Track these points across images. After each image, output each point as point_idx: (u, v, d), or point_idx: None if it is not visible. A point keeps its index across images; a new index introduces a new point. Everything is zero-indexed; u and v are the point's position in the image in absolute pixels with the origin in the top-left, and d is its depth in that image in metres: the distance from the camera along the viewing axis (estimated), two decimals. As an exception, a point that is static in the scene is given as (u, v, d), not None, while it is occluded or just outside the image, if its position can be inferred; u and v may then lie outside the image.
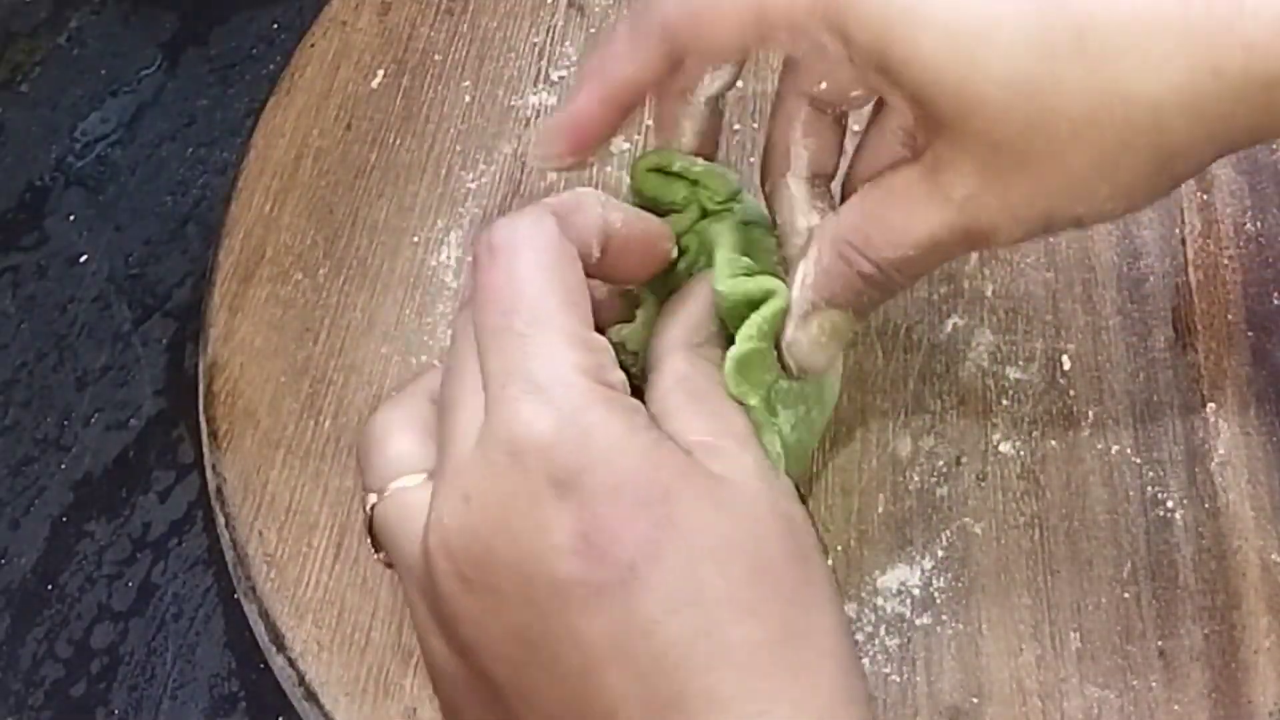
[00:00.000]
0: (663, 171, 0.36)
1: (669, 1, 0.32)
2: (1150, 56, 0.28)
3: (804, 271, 0.33)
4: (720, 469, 0.29)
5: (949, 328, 0.45)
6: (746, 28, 0.31)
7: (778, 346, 0.34)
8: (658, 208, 0.36)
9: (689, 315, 0.33)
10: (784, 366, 0.34)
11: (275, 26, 0.58)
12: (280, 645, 0.40)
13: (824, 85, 0.34)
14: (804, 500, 0.37)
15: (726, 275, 0.33)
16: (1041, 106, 0.29)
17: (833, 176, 0.36)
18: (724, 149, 0.44)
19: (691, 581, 0.26)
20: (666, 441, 0.28)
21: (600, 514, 0.26)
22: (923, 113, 0.30)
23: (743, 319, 0.33)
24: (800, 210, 0.35)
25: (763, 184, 0.36)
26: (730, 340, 0.33)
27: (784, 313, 0.33)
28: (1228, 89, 0.27)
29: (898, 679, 0.39)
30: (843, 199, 0.35)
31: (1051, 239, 0.47)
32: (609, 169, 0.50)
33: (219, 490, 0.44)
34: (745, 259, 0.34)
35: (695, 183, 0.36)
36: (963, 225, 0.31)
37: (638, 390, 0.31)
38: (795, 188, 0.35)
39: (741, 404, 0.32)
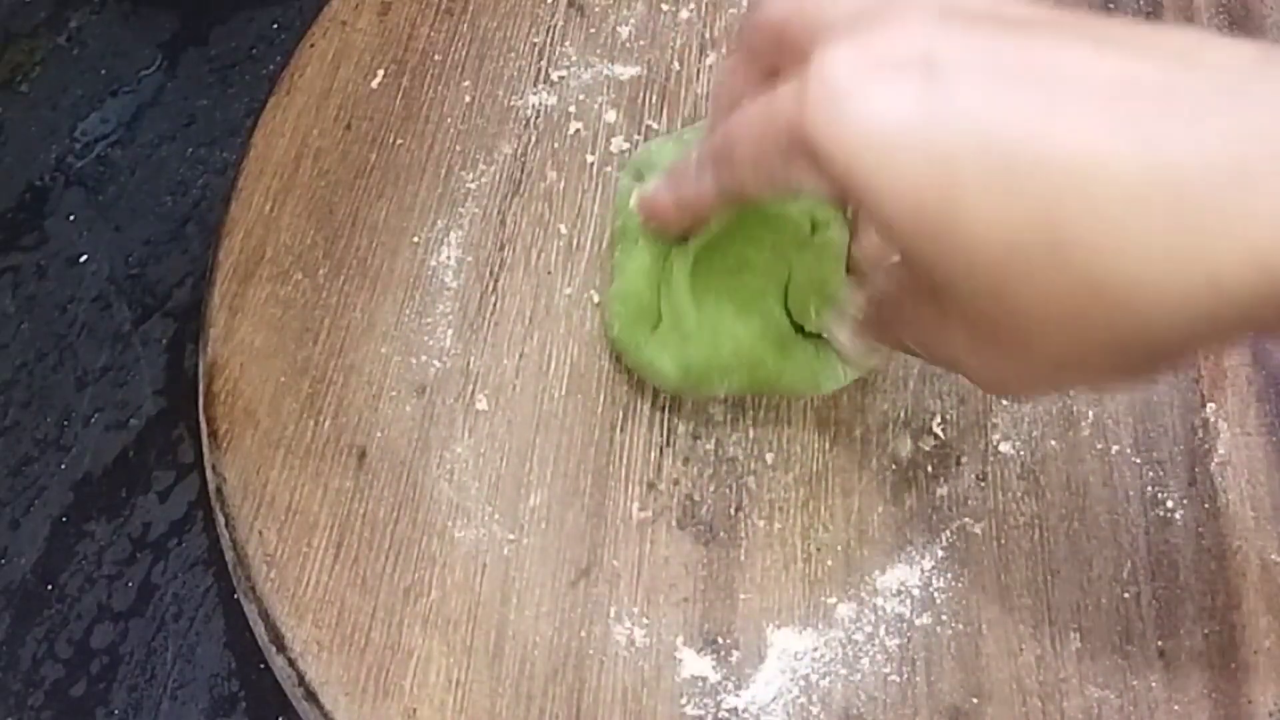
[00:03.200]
0: None
1: (765, 7, 0.33)
2: (1131, 259, 0.23)
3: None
4: None
5: (949, 328, 0.45)
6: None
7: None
8: None
9: None
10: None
11: (275, 26, 0.58)
12: (280, 645, 0.40)
13: None
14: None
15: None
16: (1012, 304, 0.26)
17: None
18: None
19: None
20: None
21: None
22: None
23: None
24: None
25: None
26: None
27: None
28: (1227, 302, 0.23)
29: (898, 679, 0.39)
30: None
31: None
32: (609, 169, 0.50)
33: (219, 490, 0.44)
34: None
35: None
36: (952, 369, 0.32)
37: None
38: None
39: None
